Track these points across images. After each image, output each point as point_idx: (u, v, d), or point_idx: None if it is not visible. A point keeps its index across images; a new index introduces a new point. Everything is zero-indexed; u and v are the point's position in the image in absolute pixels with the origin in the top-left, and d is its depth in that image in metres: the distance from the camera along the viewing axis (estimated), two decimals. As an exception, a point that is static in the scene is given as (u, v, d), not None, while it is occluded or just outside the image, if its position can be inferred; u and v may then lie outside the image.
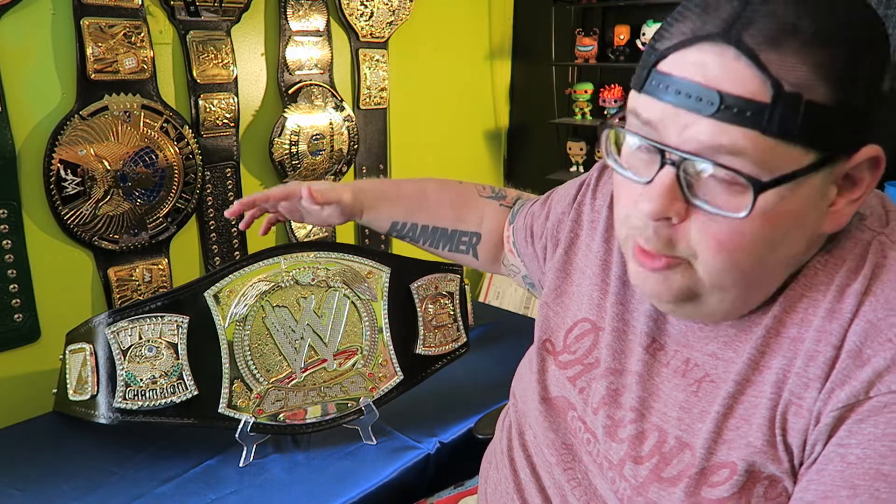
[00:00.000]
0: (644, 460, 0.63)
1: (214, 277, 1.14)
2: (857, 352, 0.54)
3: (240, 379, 1.13)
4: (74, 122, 1.33)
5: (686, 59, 0.53)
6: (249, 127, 1.66)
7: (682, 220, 0.56)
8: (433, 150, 2.15)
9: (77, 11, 1.31)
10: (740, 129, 0.51)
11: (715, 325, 0.64)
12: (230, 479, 1.10)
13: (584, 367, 0.74)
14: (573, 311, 0.79)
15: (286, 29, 1.65)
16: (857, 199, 0.57)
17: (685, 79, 0.53)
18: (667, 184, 0.54)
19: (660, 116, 0.55)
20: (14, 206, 1.31)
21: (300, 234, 1.81)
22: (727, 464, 0.58)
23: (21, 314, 1.34)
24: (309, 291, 1.19)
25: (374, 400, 1.20)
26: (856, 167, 0.55)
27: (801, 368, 0.57)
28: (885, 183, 1.62)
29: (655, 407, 0.65)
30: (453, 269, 1.31)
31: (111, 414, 1.09)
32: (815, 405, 0.55)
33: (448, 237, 1.05)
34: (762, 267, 0.57)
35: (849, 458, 0.53)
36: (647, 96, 0.56)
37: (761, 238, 0.54)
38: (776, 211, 0.53)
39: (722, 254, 0.55)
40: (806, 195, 0.54)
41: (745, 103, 0.50)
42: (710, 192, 0.54)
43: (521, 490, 0.76)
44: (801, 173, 0.52)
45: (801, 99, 0.50)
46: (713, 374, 0.63)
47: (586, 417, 0.71)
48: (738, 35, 0.51)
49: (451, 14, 2.10)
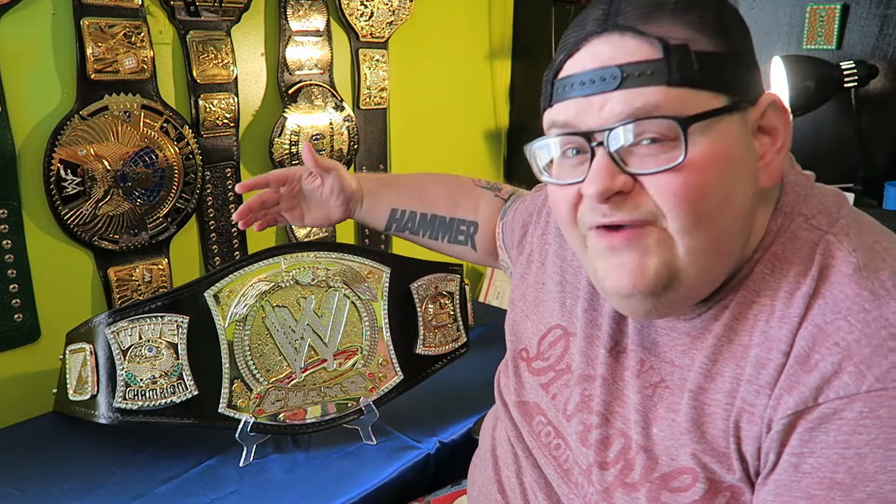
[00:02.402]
0: (609, 466, 0.64)
1: (214, 277, 1.14)
2: (805, 357, 0.54)
3: (240, 379, 1.13)
4: (74, 122, 1.33)
5: (578, 58, 0.59)
6: (249, 127, 1.66)
7: (632, 190, 0.58)
8: (433, 150, 2.15)
9: (77, 11, 1.31)
10: (647, 88, 0.55)
11: (670, 329, 0.64)
12: (230, 479, 1.10)
13: (555, 374, 0.75)
14: (546, 319, 0.80)
15: (286, 29, 1.65)
16: (780, 147, 0.60)
17: (584, 70, 0.58)
18: (602, 164, 0.57)
19: (575, 112, 0.59)
20: (14, 206, 1.31)
21: (300, 234, 1.81)
22: (686, 469, 0.58)
23: (21, 314, 1.34)
24: (309, 291, 1.19)
25: (374, 400, 1.20)
26: (764, 116, 0.59)
27: (753, 376, 0.57)
28: (886, 183, 1.62)
29: (619, 412, 0.66)
30: (453, 269, 1.31)
31: (111, 414, 1.09)
32: (765, 412, 0.55)
33: (447, 226, 1.05)
34: (722, 220, 0.57)
35: (803, 468, 0.53)
36: (558, 103, 0.61)
37: (711, 183, 0.56)
38: (712, 153, 0.56)
39: (683, 205, 0.56)
40: (733, 138, 0.57)
41: (642, 66, 0.55)
42: (645, 160, 0.57)
43: (504, 490, 0.77)
44: (717, 112, 0.56)
45: (689, 49, 0.55)
46: (668, 381, 0.63)
47: (558, 424, 0.71)
48: (615, 21, 0.57)
49: (451, 14, 2.10)
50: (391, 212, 1.06)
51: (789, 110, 0.61)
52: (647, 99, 0.55)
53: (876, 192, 1.65)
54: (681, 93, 0.55)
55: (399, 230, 1.07)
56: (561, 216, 0.64)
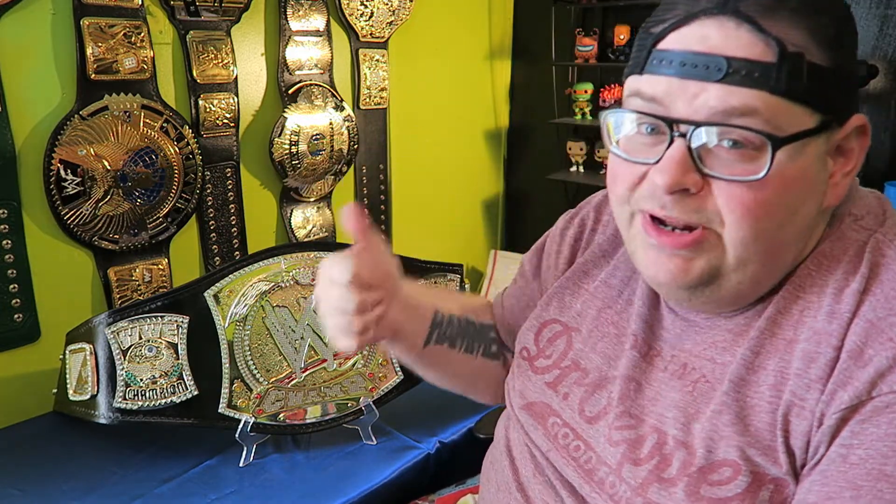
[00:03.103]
0: (643, 462, 0.62)
1: (214, 277, 1.14)
2: (859, 352, 0.54)
3: (240, 379, 1.13)
4: (74, 122, 1.33)
5: (686, 34, 0.54)
6: (249, 127, 1.66)
7: (700, 191, 0.55)
8: (433, 150, 2.15)
9: (77, 11, 1.31)
10: (749, 90, 0.52)
11: (710, 327, 0.64)
12: (230, 479, 1.10)
13: (561, 372, 0.73)
14: (538, 313, 0.79)
15: (286, 29, 1.65)
16: (851, 170, 0.59)
17: (689, 51, 0.54)
18: (678, 156, 0.54)
19: (666, 90, 0.55)
20: (14, 206, 1.31)
21: (300, 234, 1.81)
22: (727, 462, 0.58)
23: (21, 314, 1.34)
24: (309, 291, 1.19)
25: (374, 400, 1.20)
26: (846, 137, 0.57)
27: (802, 370, 0.56)
28: (886, 183, 1.62)
29: (652, 409, 0.65)
30: (453, 269, 1.31)
31: (111, 414, 1.09)
32: (817, 406, 0.55)
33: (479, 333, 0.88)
34: (782, 237, 0.57)
35: (851, 459, 0.52)
36: (650, 75, 0.56)
37: (782, 203, 0.55)
38: (790, 173, 0.54)
39: (748, 219, 0.54)
40: (812, 159, 0.55)
41: (751, 65, 0.52)
42: (723, 162, 0.54)
43: (524, 489, 0.76)
44: (809, 133, 0.53)
45: (803, 58, 0.52)
46: (709, 376, 0.62)
47: (577, 426, 0.70)
48: (735, 6, 0.53)
49: (451, 14, 2.10)
50: (434, 314, 0.83)
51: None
52: (745, 101, 0.52)
53: (876, 192, 1.65)
54: (780, 104, 0.52)
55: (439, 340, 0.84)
56: (616, 190, 0.61)
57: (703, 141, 0.54)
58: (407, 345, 0.81)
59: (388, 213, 2.05)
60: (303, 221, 1.81)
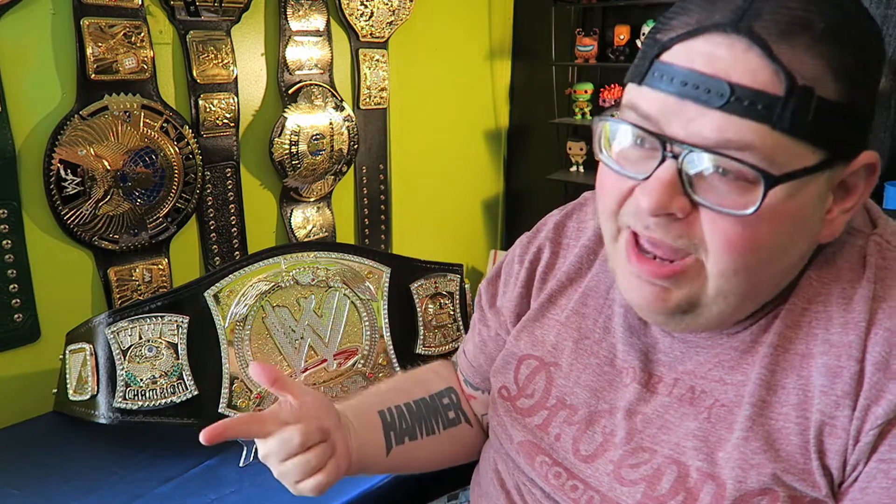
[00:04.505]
0: (667, 499, 0.59)
1: (214, 277, 1.14)
2: (885, 363, 0.52)
3: (240, 379, 1.13)
4: (74, 122, 1.33)
5: (693, 49, 0.50)
6: (249, 127, 1.66)
7: (688, 216, 0.52)
8: (433, 150, 2.15)
9: (77, 11, 1.31)
10: (750, 122, 0.48)
11: (712, 346, 0.61)
12: (230, 479, 1.10)
13: (549, 412, 0.69)
14: (510, 350, 0.75)
15: (286, 29, 1.65)
16: (850, 208, 0.55)
17: (692, 69, 0.50)
18: (667, 178, 0.51)
19: (662, 109, 0.51)
20: (14, 206, 1.31)
21: (300, 234, 1.81)
22: (764, 490, 0.55)
23: (21, 314, 1.34)
24: (309, 291, 1.19)
25: (374, 400, 1.20)
26: (853, 174, 0.54)
27: (827, 386, 0.54)
28: (886, 183, 1.62)
29: (666, 439, 0.61)
30: (453, 268, 1.31)
31: (111, 414, 1.09)
32: (851, 424, 0.53)
33: (433, 409, 0.84)
34: (767, 273, 0.54)
35: (892, 474, 0.51)
36: (649, 88, 0.52)
37: (770, 240, 0.52)
38: (784, 210, 0.51)
39: (732, 254, 0.52)
40: (810, 197, 0.52)
41: (756, 95, 0.48)
42: (715, 190, 0.51)
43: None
44: (808, 171, 0.50)
45: (813, 94, 0.48)
46: (724, 399, 0.59)
47: (570, 466, 0.66)
48: (749, 25, 0.48)
49: (451, 14, 2.10)
50: (382, 418, 0.79)
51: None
52: (742, 135, 0.48)
53: (876, 192, 1.65)
54: (781, 140, 0.48)
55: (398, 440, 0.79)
56: (604, 203, 0.58)
57: (695, 166, 0.51)
58: (370, 461, 0.76)
59: (388, 213, 2.05)
60: (303, 221, 1.81)
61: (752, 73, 0.48)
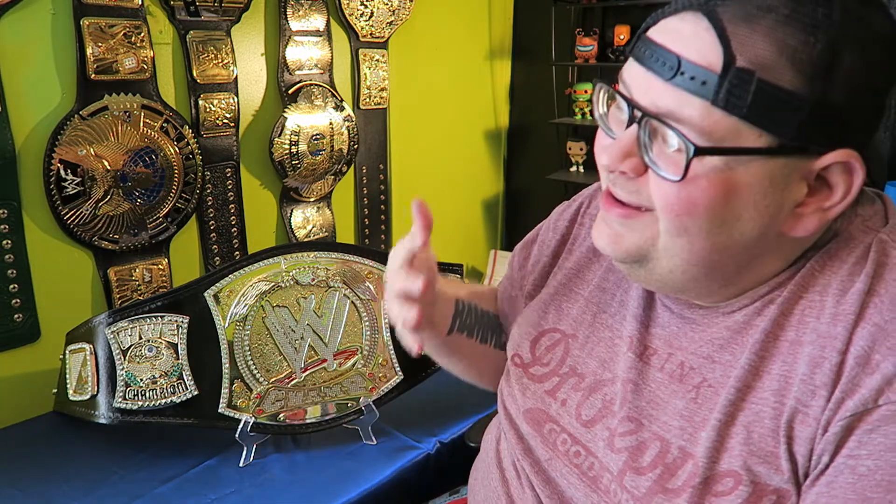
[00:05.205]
0: (646, 471, 0.61)
1: (214, 277, 1.14)
2: (866, 358, 0.52)
3: (240, 379, 1.13)
4: (74, 122, 1.33)
5: (668, 26, 0.55)
6: (249, 127, 1.66)
7: (640, 175, 0.57)
8: (433, 150, 2.15)
9: (77, 11, 1.31)
10: (691, 96, 0.52)
11: (707, 324, 0.63)
12: (230, 479, 1.10)
13: (560, 379, 0.72)
14: (536, 322, 0.78)
15: (286, 29, 1.65)
16: (829, 208, 0.55)
17: (659, 44, 0.55)
18: (626, 140, 0.56)
19: (635, 79, 0.57)
20: (14, 206, 1.31)
21: (300, 234, 1.81)
22: (730, 472, 0.57)
23: (21, 314, 1.34)
24: (309, 291, 1.20)
25: (374, 400, 1.20)
26: (827, 170, 0.54)
27: (807, 375, 0.55)
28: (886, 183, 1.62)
29: (655, 415, 0.63)
30: (453, 269, 1.31)
31: (111, 414, 1.09)
32: (822, 414, 0.53)
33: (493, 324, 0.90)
34: (711, 242, 0.57)
35: (860, 470, 0.51)
36: (632, 60, 0.58)
37: (706, 208, 0.54)
38: (718, 181, 0.53)
39: (670, 214, 0.56)
40: (758, 177, 0.53)
41: (698, 71, 0.52)
42: (661, 155, 0.55)
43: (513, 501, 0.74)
44: (747, 151, 0.52)
45: (752, 76, 0.50)
46: (711, 379, 0.61)
47: (574, 431, 0.69)
48: (713, 6, 0.52)
49: (451, 14, 2.10)
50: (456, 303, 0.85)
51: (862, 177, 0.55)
52: (682, 106, 0.52)
53: (876, 192, 1.65)
54: (720, 117, 0.51)
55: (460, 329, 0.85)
56: (598, 159, 0.64)
57: (651, 132, 0.56)
58: (434, 332, 0.82)
59: (388, 213, 2.05)
60: (303, 221, 1.81)
61: (701, 51, 0.52)
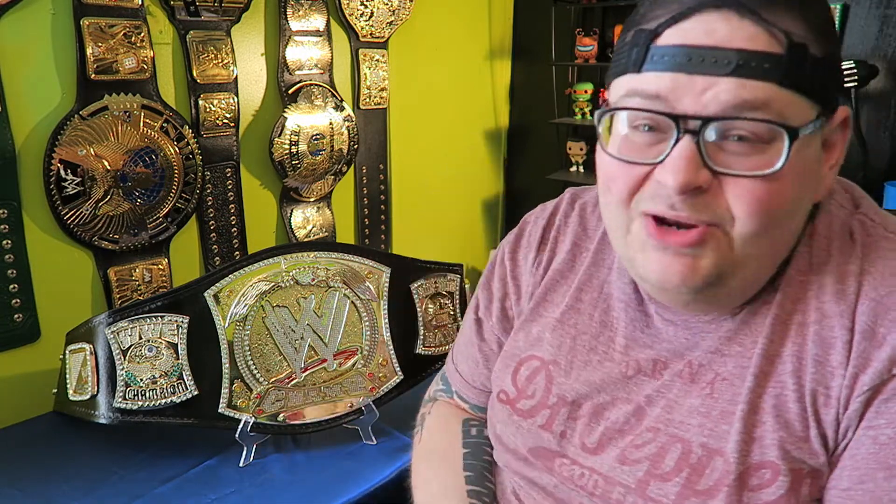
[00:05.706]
0: (671, 476, 0.59)
1: (214, 277, 1.14)
2: (871, 332, 0.54)
3: (240, 379, 1.13)
4: (74, 122, 1.33)
5: (687, 29, 0.53)
6: (249, 127, 1.66)
7: (710, 188, 0.54)
8: (433, 150, 2.15)
9: (77, 11, 1.31)
10: (759, 83, 0.51)
11: (715, 330, 0.62)
12: (230, 479, 1.10)
13: (551, 410, 0.69)
14: (511, 353, 0.75)
15: (286, 29, 1.65)
16: (835, 164, 0.59)
17: (695, 45, 0.52)
18: (688, 154, 0.52)
19: (671, 86, 0.53)
20: (14, 206, 1.31)
21: (300, 234, 1.81)
22: (765, 464, 0.56)
23: (21, 314, 1.34)
24: (309, 291, 1.19)
25: (374, 400, 1.20)
26: (831, 130, 0.57)
27: (822, 356, 0.56)
28: (886, 183, 1.62)
29: (670, 418, 0.62)
30: (453, 269, 1.31)
31: (111, 414, 1.09)
32: (841, 392, 0.55)
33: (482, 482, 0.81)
34: (785, 230, 0.57)
35: (880, 440, 0.53)
36: (653, 72, 0.54)
37: (792, 193, 0.54)
38: (797, 165, 0.53)
39: (761, 214, 0.53)
40: (813, 150, 0.55)
41: (761, 57, 0.51)
42: (734, 157, 0.53)
43: None
44: (812, 126, 0.53)
45: (807, 49, 0.52)
46: (724, 372, 0.60)
47: (582, 460, 0.66)
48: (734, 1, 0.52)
49: (451, 14, 2.10)
50: None
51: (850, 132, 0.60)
52: (756, 94, 0.51)
53: (876, 192, 1.65)
54: (787, 96, 0.52)
55: None
56: (614, 194, 0.59)
57: (712, 136, 0.53)
58: None
59: (388, 213, 2.05)
60: (303, 221, 1.81)
61: (751, 39, 0.51)
